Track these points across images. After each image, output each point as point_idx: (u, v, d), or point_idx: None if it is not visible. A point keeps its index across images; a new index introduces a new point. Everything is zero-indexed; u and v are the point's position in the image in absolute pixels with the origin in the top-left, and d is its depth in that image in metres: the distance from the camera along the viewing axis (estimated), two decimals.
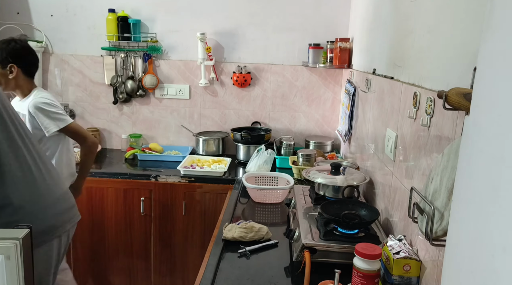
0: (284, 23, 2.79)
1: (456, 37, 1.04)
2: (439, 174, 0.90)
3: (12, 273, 0.96)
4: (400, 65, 1.49)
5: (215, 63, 2.85)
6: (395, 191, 1.46)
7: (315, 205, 1.68)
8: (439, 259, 1.03)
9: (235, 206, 1.98)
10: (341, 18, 2.75)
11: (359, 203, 1.56)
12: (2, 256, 0.95)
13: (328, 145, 2.73)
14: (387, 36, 1.71)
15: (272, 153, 2.51)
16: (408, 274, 1.14)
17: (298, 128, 2.95)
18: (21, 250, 0.96)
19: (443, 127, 1.06)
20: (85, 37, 2.84)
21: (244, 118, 2.95)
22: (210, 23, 2.81)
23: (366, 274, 1.13)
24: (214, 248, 1.52)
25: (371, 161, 1.85)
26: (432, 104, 1.13)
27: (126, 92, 2.90)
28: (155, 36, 2.83)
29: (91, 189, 2.42)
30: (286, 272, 1.38)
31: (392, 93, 1.56)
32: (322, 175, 1.75)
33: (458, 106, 0.85)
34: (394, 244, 1.18)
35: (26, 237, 0.97)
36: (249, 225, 1.59)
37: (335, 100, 2.88)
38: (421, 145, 1.22)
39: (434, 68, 1.17)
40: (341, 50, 2.54)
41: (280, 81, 2.88)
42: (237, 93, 2.92)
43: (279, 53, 2.84)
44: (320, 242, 1.35)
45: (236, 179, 2.39)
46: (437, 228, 0.86)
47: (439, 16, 1.16)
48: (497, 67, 0.50)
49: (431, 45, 1.20)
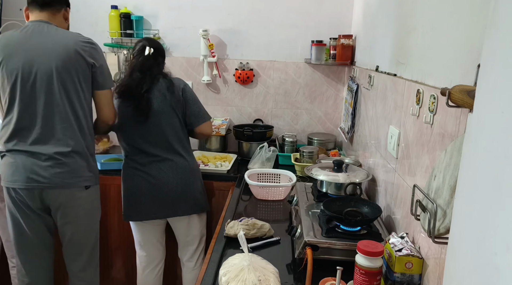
0: (286, 19, 2.78)
1: (459, 34, 1.03)
2: (442, 171, 0.90)
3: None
4: (403, 62, 1.48)
5: (218, 60, 2.85)
6: (398, 188, 1.46)
7: (318, 202, 1.68)
8: (441, 256, 1.03)
9: (238, 203, 1.99)
10: (344, 15, 2.74)
11: (361, 201, 1.55)
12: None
13: (330, 142, 2.72)
14: (390, 33, 1.70)
15: (274, 150, 2.51)
16: (410, 271, 1.13)
17: (301, 125, 2.94)
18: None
19: (446, 124, 1.06)
20: (88, 33, 2.80)
21: (247, 115, 2.95)
22: (213, 19, 2.81)
23: (368, 271, 1.13)
24: (216, 245, 1.53)
25: (374, 159, 1.85)
26: (435, 101, 1.13)
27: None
28: (157, 32, 2.82)
29: None
30: (288, 269, 1.38)
31: (395, 90, 1.56)
32: (325, 172, 1.75)
33: (462, 103, 0.85)
34: (396, 241, 1.18)
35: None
36: (251, 222, 1.59)
37: (338, 97, 2.88)
38: (424, 142, 1.21)
39: (438, 65, 1.17)
40: (344, 47, 2.53)
41: (283, 78, 2.88)
42: (240, 90, 2.92)
43: (281, 50, 2.83)
44: (322, 239, 1.35)
45: (239, 176, 2.40)
46: (440, 226, 0.86)
47: (443, 13, 1.15)
48: (501, 64, 0.50)
49: (434, 42, 1.19)
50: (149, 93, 2.01)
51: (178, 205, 2.07)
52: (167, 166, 2.05)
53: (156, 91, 2.03)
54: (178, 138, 2.07)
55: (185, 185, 2.07)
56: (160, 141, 2.04)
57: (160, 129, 2.03)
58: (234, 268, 1.20)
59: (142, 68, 2.04)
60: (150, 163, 2.05)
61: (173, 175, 2.05)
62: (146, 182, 2.04)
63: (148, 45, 2.08)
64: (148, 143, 2.04)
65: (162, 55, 2.15)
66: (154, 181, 2.04)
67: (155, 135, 2.04)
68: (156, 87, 2.03)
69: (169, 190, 2.04)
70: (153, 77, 2.04)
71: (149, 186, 2.04)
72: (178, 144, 2.07)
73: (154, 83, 2.03)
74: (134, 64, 2.06)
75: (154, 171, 2.04)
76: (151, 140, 2.04)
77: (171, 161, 2.05)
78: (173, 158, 2.06)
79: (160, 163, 2.05)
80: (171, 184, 2.04)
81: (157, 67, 2.07)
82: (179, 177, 2.06)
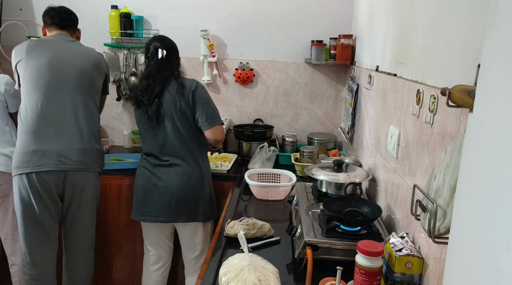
0: (286, 19, 2.78)
1: (459, 34, 1.03)
2: (442, 171, 0.90)
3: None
4: (403, 62, 1.48)
5: (218, 60, 2.85)
6: (398, 188, 1.46)
7: (318, 202, 1.68)
8: (441, 256, 1.03)
9: (238, 203, 1.99)
10: (344, 15, 2.74)
11: (361, 200, 1.55)
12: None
13: (330, 142, 2.72)
14: (390, 33, 1.70)
15: (274, 150, 2.51)
16: (410, 271, 1.13)
17: (301, 125, 2.94)
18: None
19: (446, 124, 1.06)
20: (88, 33, 2.84)
21: (247, 115, 2.95)
22: (213, 19, 2.81)
23: (368, 271, 1.13)
24: (216, 245, 1.53)
25: (374, 158, 1.85)
26: (435, 101, 1.13)
27: (129, 89, 2.90)
28: (157, 32, 2.82)
29: None
30: (288, 269, 1.38)
31: (395, 90, 1.56)
32: (325, 172, 1.75)
33: (462, 103, 0.85)
34: (396, 241, 1.18)
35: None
36: (251, 222, 1.59)
37: (338, 97, 2.88)
38: (424, 142, 1.21)
39: (438, 65, 1.17)
40: (344, 47, 2.53)
41: (283, 78, 2.88)
42: (240, 90, 2.92)
43: (281, 50, 2.83)
44: (322, 239, 1.35)
45: (239, 176, 2.39)
46: (440, 226, 0.86)
47: (443, 13, 1.15)
48: (501, 64, 0.50)
49: (434, 42, 1.19)
50: (159, 97, 2.00)
51: (180, 211, 2.04)
52: (173, 171, 2.03)
53: (167, 94, 2.00)
54: (185, 145, 2.03)
55: (189, 192, 2.04)
56: (167, 147, 2.03)
57: (166, 135, 2.02)
58: (234, 268, 1.20)
59: (153, 72, 2.02)
60: (159, 166, 2.05)
61: (178, 181, 2.02)
62: (152, 184, 2.04)
63: (160, 46, 2.05)
64: (157, 148, 2.04)
65: (175, 54, 2.12)
66: (160, 184, 2.03)
67: (162, 140, 2.03)
68: (167, 90, 2.01)
69: (173, 195, 2.02)
70: (165, 79, 2.01)
71: (155, 189, 2.04)
72: (184, 151, 2.04)
73: (165, 86, 2.00)
74: (149, 69, 2.05)
75: (162, 174, 2.03)
76: (159, 145, 2.03)
77: (178, 166, 2.03)
78: (179, 163, 2.03)
79: (168, 168, 2.03)
80: (174, 189, 2.02)
81: (169, 69, 2.04)
82: (184, 183, 2.02)
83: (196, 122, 2.04)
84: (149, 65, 2.06)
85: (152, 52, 2.06)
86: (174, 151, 2.03)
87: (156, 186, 2.03)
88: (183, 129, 2.02)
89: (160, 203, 2.04)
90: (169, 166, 2.04)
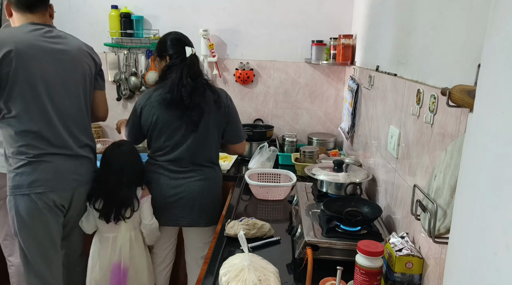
0: (287, 19, 2.79)
1: (460, 34, 1.03)
2: (442, 171, 0.90)
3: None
4: (404, 62, 1.48)
5: (218, 60, 2.85)
6: (398, 188, 1.46)
7: (318, 202, 1.68)
8: (441, 256, 1.03)
9: (238, 203, 1.99)
10: (344, 15, 2.74)
11: (361, 200, 1.55)
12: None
13: (330, 142, 2.72)
14: (391, 33, 1.70)
15: (274, 150, 2.51)
16: (410, 271, 1.13)
17: (301, 125, 2.94)
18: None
19: (447, 124, 1.06)
20: (88, 33, 2.84)
21: (247, 115, 2.95)
22: (213, 19, 2.81)
23: (368, 271, 1.13)
24: (216, 245, 1.53)
25: (374, 158, 1.85)
26: (435, 101, 1.13)
27: (129, 89, 2.90)
28: (157, 32, 2.82)
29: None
30: (288, 269, 1.38)
31: (395, 90, 1.56)
32: (325, 172, 1.75)
33: (462, 103, 0.85)
34: (396, 241, 1.18)
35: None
36: (251, 222, 1.59)
37: (338, 97, 2.88)
38: (424, 142, 1.21)
39: (438, 65, 1.17)
40: (344, 47, 2.53)
41: (283, 78, 2.88)
42: (240, 90, 2.92)
43: (282, 49, 2.83)
44: (323, 239, 1.35)
45: (239, 176, 2.39)
46: (440, 226, 0.86)
47: (443, 13, 1.15)
48: (501, 64, 0.49)
49: (434, 42, 1.19)
50: (202, 102, 1.87)
51: (201, 215, 1.99)
52: (195, 177, 1.95)
53: (205, 101, 1.88)
54: (209, 152, 1.97)
55: (210, 197, 1.99)
56: (196, 154, 1.94)
57: (200, 143, 1.92)
58: (234, 268, 1.20)
59: (198, 73, 1.89)
60: (182, 172, 1.96)
61: (201, 186, 1.95)
62: (174, 193, 1.96)
63: (188, 44, 1.91)
64: (185, 154, 1.93)
65: (196, 56, 1.96)
66: (183, 191, 1.95)
67: (194, 148, 1.92)
68: (204, 100, 1.87)
69: (195, 201, 1.96)
70: (203, 84, 1.89)
71: (177, 196, 1.96)
72: (208, 158, 1.97)
73: (203, 94, 1.87)
74: (194, 69, 1.87)
75: (184, 181, 1.95)
76: (189, 152, 1.93)
77: (200, 171, 1.96)
78: (202, 169, 1.96)
79: (190, 173, 1.96)
80: (197, 195, 1.95)
81: (202, 73, 1.91)
82: (206, 189, 1.97)
83: (225, 134, 2.00)
84: (182, 64, 1.86)
85: (179, 49, 1.89)
86: (200, 158, 1.95)
87: (179, 193, 1.95)
88: (213, 138, 1.95)
89: (182, 208, 1.97)
90: (191, 172, 1.96)
